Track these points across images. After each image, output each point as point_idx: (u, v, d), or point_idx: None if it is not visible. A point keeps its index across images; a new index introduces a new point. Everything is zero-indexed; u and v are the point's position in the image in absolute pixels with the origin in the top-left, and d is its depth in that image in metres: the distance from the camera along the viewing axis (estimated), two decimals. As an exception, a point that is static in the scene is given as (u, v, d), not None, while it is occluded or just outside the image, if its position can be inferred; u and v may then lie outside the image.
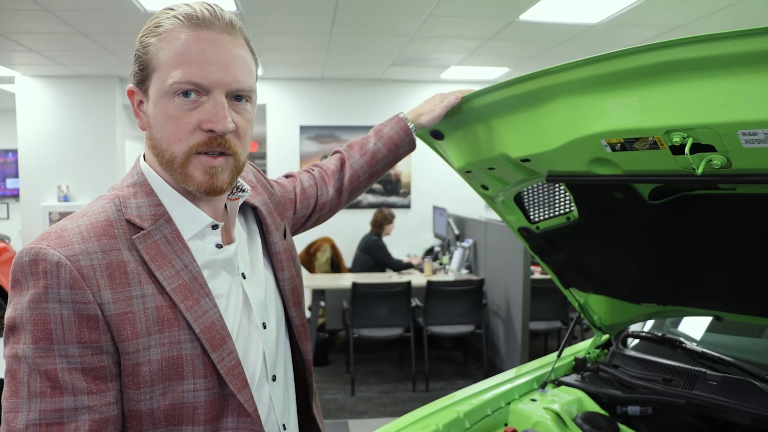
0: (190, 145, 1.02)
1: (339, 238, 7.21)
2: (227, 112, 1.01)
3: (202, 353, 1.02)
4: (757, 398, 1.61)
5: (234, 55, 1.03)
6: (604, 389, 1.91)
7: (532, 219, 1.87)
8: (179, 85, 0.99)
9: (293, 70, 7.33)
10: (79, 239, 0.96)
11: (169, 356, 0.99)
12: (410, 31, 5.45)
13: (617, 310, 2.07)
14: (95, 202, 1.06)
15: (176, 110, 1.00)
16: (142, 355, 0.97)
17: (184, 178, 1.04)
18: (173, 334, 1.00)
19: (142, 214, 1.04)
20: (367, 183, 1.64)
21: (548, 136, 1.37)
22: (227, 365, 1.05)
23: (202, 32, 1.01)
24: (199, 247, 1.09)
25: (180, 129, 1.01)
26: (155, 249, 1.02)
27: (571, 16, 4.96)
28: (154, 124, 1.03)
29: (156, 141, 1.04)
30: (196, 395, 1.02)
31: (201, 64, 0.99)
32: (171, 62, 1.00)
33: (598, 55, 1.17)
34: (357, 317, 5.43)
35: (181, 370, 1.00)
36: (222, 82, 1.01)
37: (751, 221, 1.43)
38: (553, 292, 5.35)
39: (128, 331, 0.96)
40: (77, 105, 7.37)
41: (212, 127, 1.01)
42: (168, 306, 1.00)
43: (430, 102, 1.64)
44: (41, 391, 0.91)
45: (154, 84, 1.02)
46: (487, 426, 1.81)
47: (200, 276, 1.05)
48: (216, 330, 1.04)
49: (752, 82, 1.01)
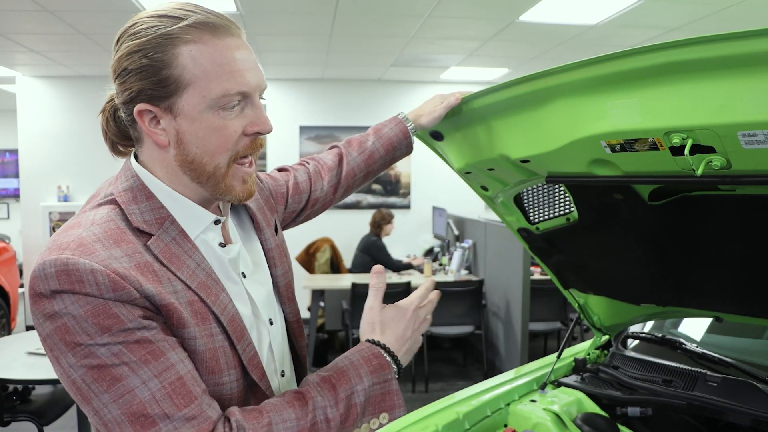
0: (234, 153, 1.03)
1: (338, 239, 7.21)
2: (265, 112, 1.05)
3: (230, 345, 1.04)
4: (758, 399, 1.60)
5: (253, 57, 1.06)
6: (604, 390, 1.90)
7: (531, 220, 1.87)
8: (230, 98, 0.99)
9: (293, 71, 7.33)
10: (101, 246, 0.94)
11: (210, 348, 1.01)
12: (410, 32, 5.45)
13: (617, 311, 2.07)
14: (93, 210, 1.02)
15: (221, 121, 1.00)
16: (190, 344, 0.98)
17: (226, 188, 1.05)
18: (207, 327, 1.01)
19: (146, 219, 1.02)
20: (362, 182, 1.65)
21: (548, 137, 1.37)
22: (248, 356, 1.07)
23: (228, 39, 1.01)
24: (206, 245, 1.09)
25: (227, 139, 1.01)
26: (169, 252, 1.01)
27: (570, 17, 4.96)
28: (191, 139, 1.01)
29: (194, 156, 1.02)
30: (231, 386, 1.04)
31: (242, 73, 1.00)
32: (212, 76, 0.97)
33: (598, 56, 1.17)
34: (356, 318, 5.42)
35: (219, 363, 1.02)
36: (258, 85, 1.03)
37: (751, 222, 1.43)
38: (552, 293, 5.34)
39: (175, 320, 0.97)
40: (78, 105, 7.35)
41: (260, 129, 1.04)
42: (198, 300, 1.01)
43: (430, 103, 1.64)
44: (143, 360, 0.91)
45: (188, 100, 0.98)
46: (486, 427, 1.81)
47: (213, 272, 1.06)
48: (237, 322, 1.06)
49: (751, 84, 1.01)
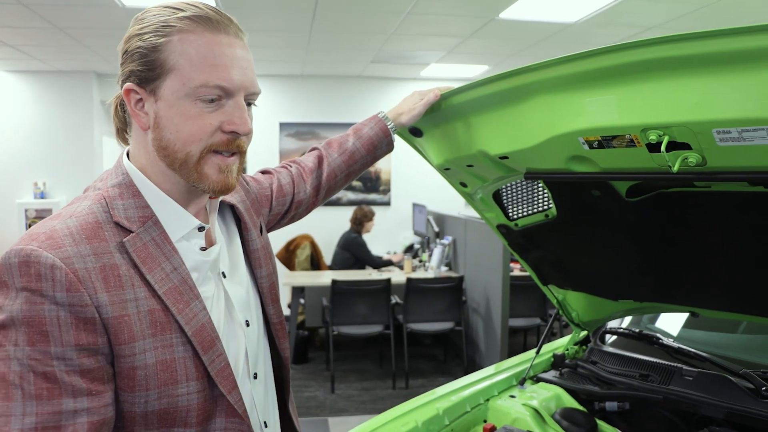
0: (208, 144, 1.03)
1: (319, 236, 7.20)
2: (246, 114, 1.04)
3: (193, 356, 1.02)
4: (732, 393, 1.63)
5: (248, 60, 1.06)
6: (583, 385, 1.92)
7: (510, 216, 1.88)
8: (208, 90, 0.99)
9: (273, 67, 7.29)
10: (71, 241, 0.94)
11: (163, 359, 0.99)
12: (390, 29, 5.45)
13: (595, 306, 2.08)
14: (79, 202, 1.03)
15: (197, 111, 1.00)
16: (138, 358, 0.96)
17: (198, 176, 1.04)
18: (166, 338, 0.99)
19: (129, 215, 1.02)
20: (344, 182, 1.64)
21: (526, 133, 1.38)
22: (217, 367, 1.05)
23: (222, 36, 1.02)
24: (186, 249, 1.08)
25: (200, 129, 1.01)
26: (145, 251, 1.01)
27: (549, 14, 4.98)
28: (167, 124, 1.01)
29: (167, 141, 1.02)
30: (190, 398, 1.02)
31: (227, 69, 1.00)
32: (195, 65, 0.99)
33: (576, 53, 1.18)
34: (337, 315, 5.42)
35: (175, 374, 1.00)
36: (243, 85, 1.03)
37: (726, 218, 1.45)
38: (532, 289, 5.36)
39: (125, 334, 0.95)
40: (54, 101, 7.26)
41: (236, 129, 1.03)
42: (160, 309, 1.00)
43: (409, 100, 1.63)
44: (37, 394, 0.89)
45: (169, 85, 1.00)
46: (466, 423, 1.82)
47: (189, 278, 1.05)
48: (206, 332, 1.04)
49: (726, 81, 1.03)
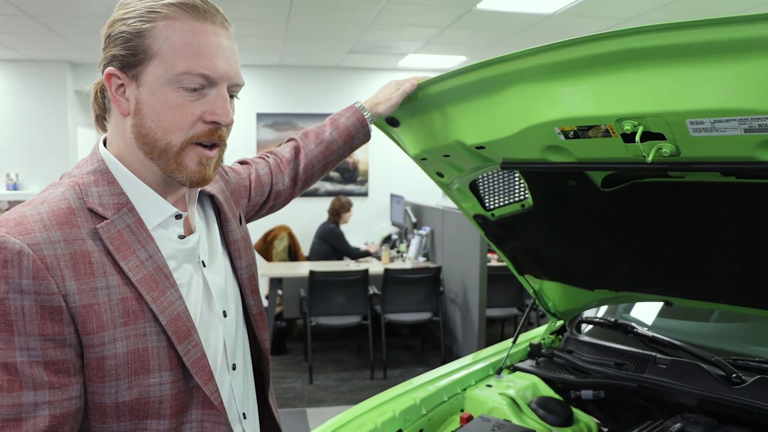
0: (190, 135, 1.02)
1: (296, 227, 7.18)
2: (229, 105, 1.04)
3: (167, 345, 1.01)
4: (704, 380, 1.65)
5: (233, 50, 1.05)
6: (559, 374, 1.94)
7: (487, 206, 1.88)
8: (190, 78, 0.99)
9: (250, 57, 7.23)
10: (41, 227, 0.93)
11: (134, 349, 0.98)
12: (368, 19, 5.43)
13: (571, 296, 2.10)
14: (53, 189, 1.02)
15: (179, 100, 0.99)
16: (108, 348, 0.95)
17: (177, 167, 1.03)
18: (139, 327, 0.98)
19: (104, 202, 1.01)
20: (322, 172, 1.63)
21: (502, 123, 1.38)
22: (193, 357, 1.04)
23: (207, 25, 1.01)
24: (163, 237, 1.07)
25: (182, 119, 1.00)
26: (119, 239, 0.99)
27: (527, 5, 5.00)
28: (148, 111, 1.00)
29: (148, 129, 1.01)
30: (162, 388, 1.01)
31: (211, 58, 1.00)
32: (179, 52, 0.98)
33: (552, 43, 1.18)
34: (314, 306, 5.41)
35: (147, 363, 0.99)
36: (227, 75, 1.02)
37: (699, 208, 1.46)
38: (509, 279, 5.40)
39: (93, 324, 0.94)
40: (26, 91, 7.16)
41: (217, 120, 1.02)
42: (133, 297, 0.98)
43: (386, 90, 1.63)
44: None
45: (152, 71, 0.99)
46: (443, 412, 1.82)
47: (165, 267, 1.04)
48: (182, 322, 1.03)
49: (700, 72, 1.03)
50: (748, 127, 1.04)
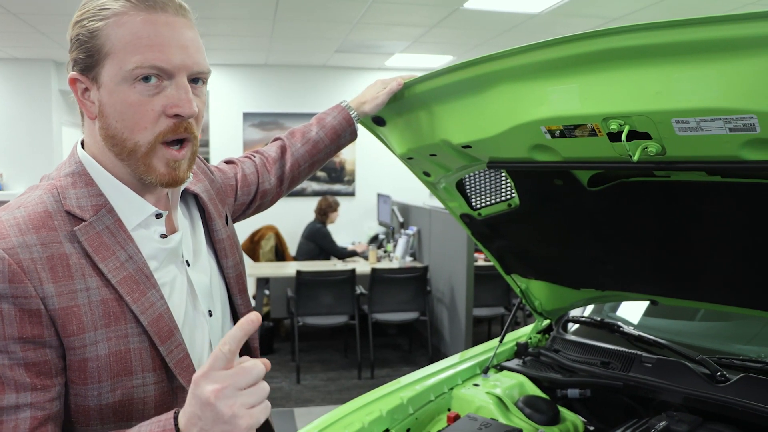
0: (156, 133, 0.99)
1: (283, 226, 7.16)
2: (191, 95, 1.00)
3: (150, 346, 1.00)
4: (689, 379, 1.66)
5: (190, 38, 1.01)
6: (545, 373, 1.94)
7: (473, 206, 1.88)
8: (141, 71, 0.95)
9: (236, 56, 7.21)
10: (17, 231, 0.92)
11: (116, 350, 0.97)
12: (355, 18, 5.42)
13: (557, 295, 2.10)
14: (30, 192, 1.01)
15: (138, 97, 0.97)
16: (89, 350, 0.94)
17: (145, 168, 1.01)
18: (120, 328, 0.97)
19: (82, 204, 0.99)
20: (308, 172, 1.63)
21: (489, 122, 1.38)
22: (176, 358, 1.03)
23: (158, 15, 0.97)
24: (144, 237, 1.06)
25: (144, 116, 0.98)
26: (98, 240, 0.98)
27: (514, 5, 5.01)
28: (111, 112, 0.98)
29: (114, 130, 0.99)
30: (146, 390, 1.00)
31: (162, 48, 0.96)
32: (129, 47, 0.95)
33: (539, 42, 1.18)
34: (302, 305, 5.40)
35: (129, 365, 0.98)
36: (184, 65, 0.99)
37: (685, 207, 1.47)
38: (496, 278, 5.40)
39: (74, 326, 0.93)
40: (10, 90, 7.10)
41: (179, 111, 0.98)
42: (114, 299, 0.97)
43: (372, 89, 1.62)
44: None
45: (108, 70, 0.97)
46: (430, 411, 1.82)
47: (146, 267, 1.02)
48: (164, 322, 1.02)
49: (685, 71, 1.04)
50: (733, 127, 1.04)
